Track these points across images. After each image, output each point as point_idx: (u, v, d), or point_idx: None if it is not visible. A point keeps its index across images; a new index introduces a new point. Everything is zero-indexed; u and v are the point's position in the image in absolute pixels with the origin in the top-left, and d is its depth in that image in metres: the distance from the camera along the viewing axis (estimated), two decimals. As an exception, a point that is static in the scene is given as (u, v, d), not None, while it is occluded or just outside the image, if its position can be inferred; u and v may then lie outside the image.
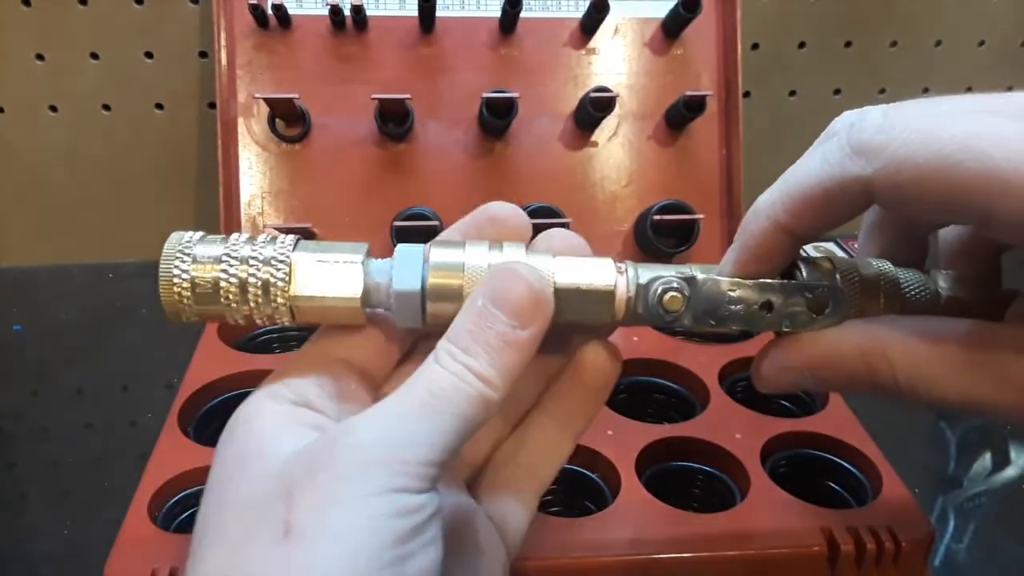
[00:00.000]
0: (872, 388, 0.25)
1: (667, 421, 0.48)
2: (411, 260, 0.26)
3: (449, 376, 0.24)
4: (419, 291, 0.26)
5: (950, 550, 0.45)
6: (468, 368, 0.24)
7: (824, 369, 0.26)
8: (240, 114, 0.60)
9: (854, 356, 0.25)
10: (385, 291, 0.26)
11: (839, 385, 0.26)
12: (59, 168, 0.69)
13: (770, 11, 0.70)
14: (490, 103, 0.58)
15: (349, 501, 0.22)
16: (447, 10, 0.62)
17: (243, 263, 0.25)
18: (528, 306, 0.25)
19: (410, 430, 0.23)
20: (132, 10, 0.65)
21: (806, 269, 0.27)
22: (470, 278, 0.26)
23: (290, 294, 0.26)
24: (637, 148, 0.63)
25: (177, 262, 0.25)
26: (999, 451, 0.52)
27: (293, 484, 0.22)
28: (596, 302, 0.26)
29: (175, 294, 0.25)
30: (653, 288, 0.26)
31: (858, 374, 0.25)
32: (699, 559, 0.37)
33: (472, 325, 0.25)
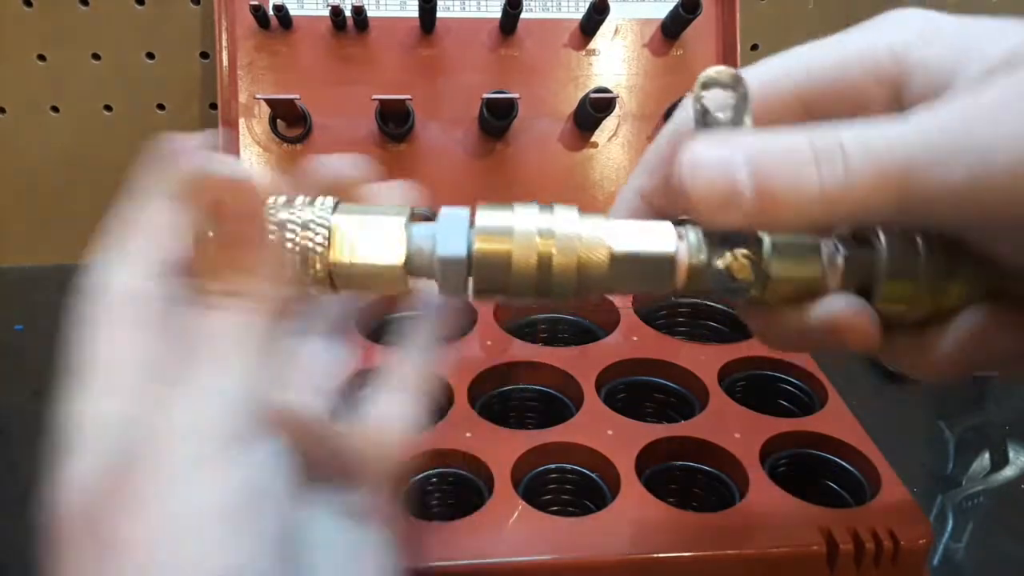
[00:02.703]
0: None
1: (667, 421, 0.48)
2: (456, 224, 0.25)
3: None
4: (464, 257, 0.24)
5: (949, 549, 0.45)
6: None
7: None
8: (241, 115, 0.61)
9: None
10: (428, 256, 0.24)
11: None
12: (60, 168, 0.69)
13: (770, 12, 0.71)
14: (490, 104, 0.58)
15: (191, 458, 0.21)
16: (448, 11, 0.62)
17: (280, 228, 0.24)
18: (231, 187, 0.23)
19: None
20: (133, 11, 0.65)
21: (885, 237, 0.24)
22: (518, 243, 0.24)
23: (329, 260, 0.24)
24: (637, 149, 0.63)
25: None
26: (998, 451, 0.52)
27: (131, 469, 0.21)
28: (657, 269, 0.24)
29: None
30: (719, 254, 0.24)
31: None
32: (699, 558, 0.37)
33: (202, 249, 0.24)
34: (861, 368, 0.58)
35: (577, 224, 0.24)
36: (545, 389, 0.49)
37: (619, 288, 0.25)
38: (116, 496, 0.21)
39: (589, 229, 0.24)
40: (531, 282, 0.24)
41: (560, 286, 0.24)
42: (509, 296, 0.25)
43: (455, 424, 0.44)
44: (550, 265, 0.24)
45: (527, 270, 0.24)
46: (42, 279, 0.68)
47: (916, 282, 0.24)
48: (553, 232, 0.24)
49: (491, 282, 0.24)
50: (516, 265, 0.24)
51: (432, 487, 0.43)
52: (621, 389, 0.50)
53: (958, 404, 0.57)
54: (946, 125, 0.21)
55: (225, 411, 0.22)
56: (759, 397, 0.49)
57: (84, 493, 0.21)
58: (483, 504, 0.39)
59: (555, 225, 0.24)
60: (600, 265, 0.24)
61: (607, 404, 0.46)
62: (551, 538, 0.37)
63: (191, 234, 0.24)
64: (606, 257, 0.24)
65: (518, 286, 0.24)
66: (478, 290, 0.24)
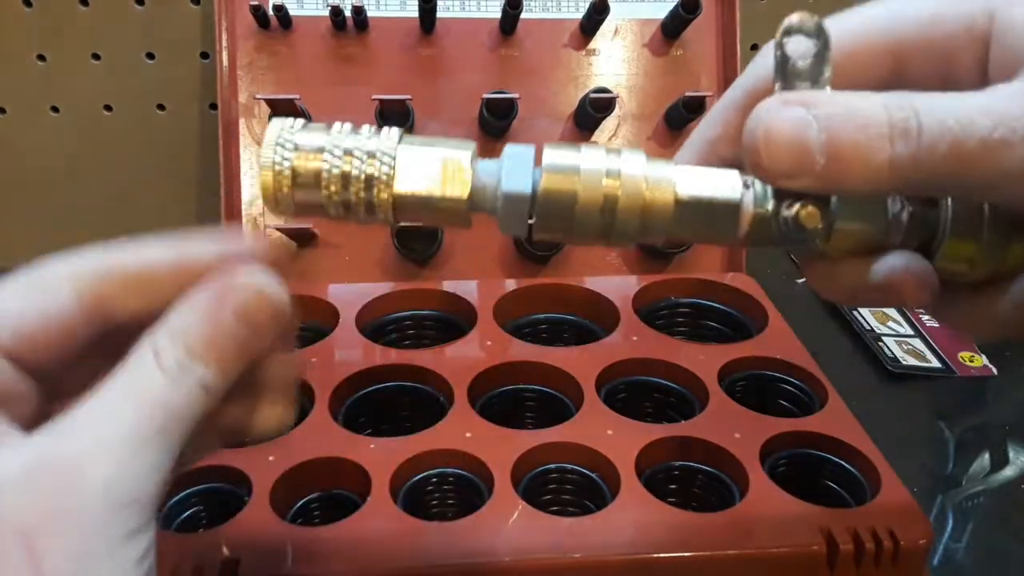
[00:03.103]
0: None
1: (667, 421, 0.48)
2: (521, 161, 0.24)
3: (182, 393, 0.22)
4: (529, 194, 0.24)
5: (949, 549, 0.45)
6: (201, 382, 0.23)
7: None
8: (241, 115, 0.61)
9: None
10: (492, 192, 0.24)
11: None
12: (60, 169, 0.69)
13: (769, 12, 0.71)
14: (490, 104, 0.58)
15: (102, 555, 0.20)
16: (448, 11, 0.62)
17: (347, 155, 0.24)
18: (273, 322, 0.24)
19: (149, 462, 0.21)
20: (133, 11, 0.65)
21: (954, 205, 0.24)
22: (585, 182, 0.24)
23: (394, 191, 0.24)
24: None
25: (279, 149, 0.24)
26: (998, 450, 0.52)
27: (33, 535, 0.20)
28: (721, 216, 0.24)
29: (275, 182, 0.24)
30: (786, 203, 0.24)
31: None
32: (698, 558, 0.37)
33: (208, 333, 0.23)
34: (861, 368, 0.59)
35: (644, 167, 0.24)
36: (545, 389, 0.49)
37: (681, 234, 0.25)
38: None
39: (655, 172, 0.24)
40: (594, 223, 0.24)
41: (623, 228, 0.24)
42: (570, 236, 0.25)
43: (455, 423, 0.44)
44: (615, 207, 0.24)
45: (591, 210, 0.24)
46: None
47: (979, 242, 0.24)
48: (620, 173, 0.24)
49: (554, 221, 0.24)
50: (581, 205, 0.24)
51: (432, 487, 0.43)
52: (621, 389, 0.50)
53: (958, 404, 0.57)
54: (1014, 114, 0.21)
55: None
56: (759, 397, 0.49)
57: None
58: (483, 504, 0.39)
59: (622, 166, 0.24)
60: (664, 209, 0.24)
61: (607, 404, 0.46)
62: (551, 538, 0.37)
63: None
64: (671, 201, 0.24)
65: (581, 227, 0.24)
66: (540, 228, 0.24)
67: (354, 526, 0.38)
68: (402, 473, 0.41)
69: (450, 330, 0.54)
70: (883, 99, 0.22)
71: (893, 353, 0.59)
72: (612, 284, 0.58)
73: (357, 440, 0.43)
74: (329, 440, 0.43)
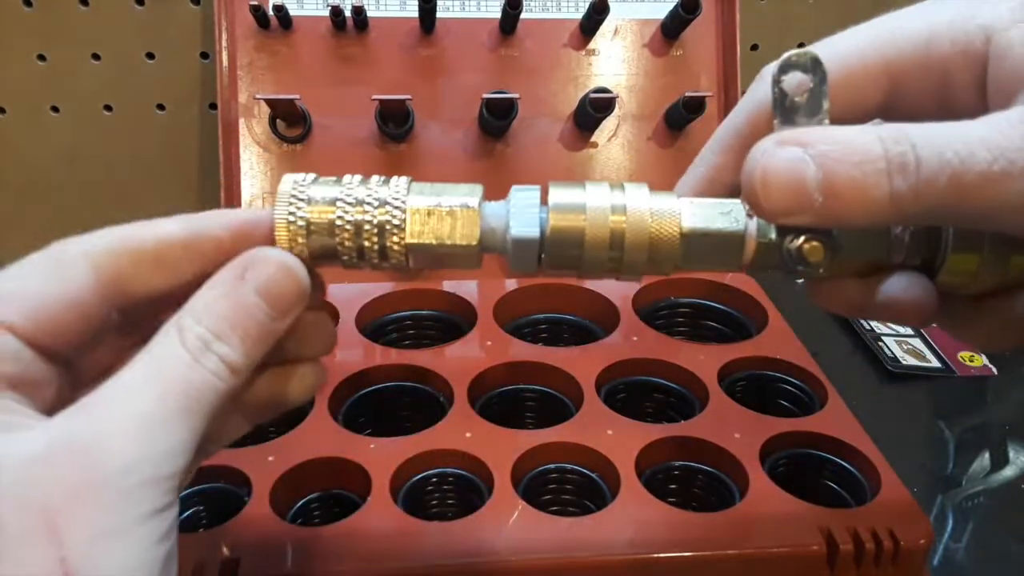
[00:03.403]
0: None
1: (667, 421, 0.48)
2: (528, 204, 0.25)
3: (204, 372, 0.22)
4: (538, 238, 0.25)
5: (949, 549, 0.45)
6: (223, 360, 0.23)
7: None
8: (241, 115, 0.61)
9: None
10: (501, 236, 0.25)
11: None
12: (60, 169, 0.69)
13: (770, 12, 0.71)
14: (490, 104, 0.58)
15: (123, 533, 0.20)
16: (448, 11, 0.62)
17: (358, 205, 0.25)
18: (292, 298, 0.24)
19: (171, 441, 0.21)
20: (133, 11, 0.65)
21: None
22: (591, 220, 0.25)
23: (406, 241, 0.25)
24: (637, 149, 0.63)
25: (292, 204, 0.25)
26: (998, 450, 0.52)
27: (55, 512, 0.20)
28: (725, 247, 0.25)
29: (290, 237, 0.25)
30: (789, 237, 0.24)
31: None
32: (698, 558, 0.37)
33: (230, 312, 0.23)
34: (861, 368, 0.58)
35: (648, 201, 0.25)
36: (545, 389, 0.49)
37: (688, 264, 0.25)
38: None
39: (660, 206, 0.25)
40: (603, 259, 0.25)
41: (632, 262, 0.25)
42: (580, 272, 0.26)
43: (455, 423, 0.44)
44: (623, 242, 0.25)
45: (600, 246, 0.25)
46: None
47: (980, 256, 0.25)
48: (625, 209, 0.25)
49: (564, 259, 0.25)
50: (589, 242, 0.25)
51: (432, 487, 0.43)
52: (621, 389, 0.50)
53: (958, 404, 0.57)
54: (1013, 146, 0.21)
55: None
56: (759, 397, 0.49)
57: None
58: (483, 504, 0.39)
59: (627, 202, 0.25)
60: (671, 242, 0.25)
61: (607, 404, 0.46)
62: (551, 538, 0.37)
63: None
64: (676, 234, 0.25)
65: (590, 263, 0.25)
66: (550, 266, 0.25)
67: (354, 526, 0.38)
68: (402, 473, 0.41)
69: (450, 330, 0.54)
70: (879, 133, 0.22)
71: (893, 353, 0.59)
72: (612, 284, 0.58)
73: (357, 440, 0.43)
74: (329, 440, 0.43)
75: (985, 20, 0.24)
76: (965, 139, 0.21)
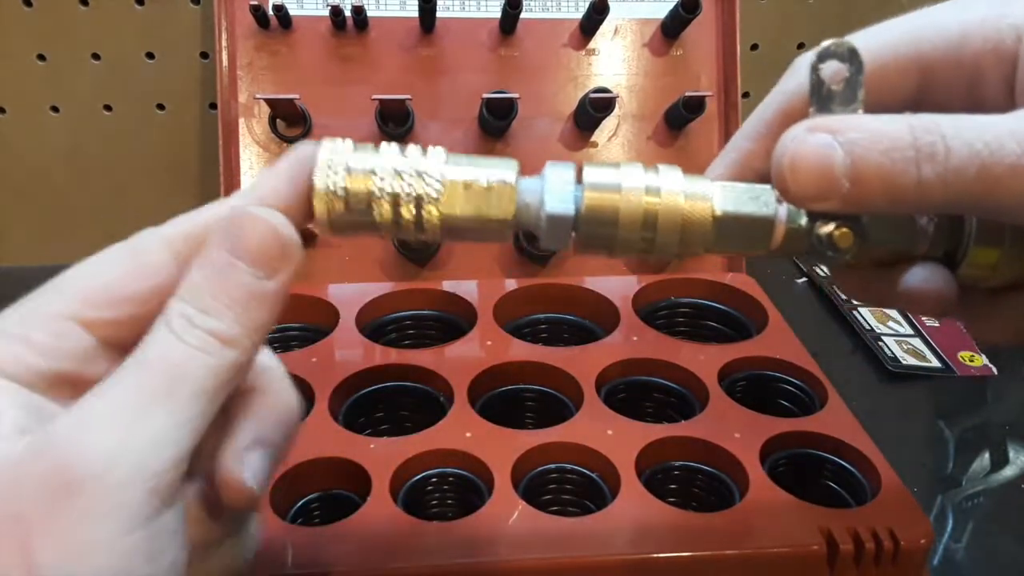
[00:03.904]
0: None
1: (667, 421, 0.48)
2: (562, 180, 0.25)
3: (188, 349, 0.21)
4: (572, 215, 0.25)
5: (949, 549, 0.45)
6: (211, 333, 0.21)
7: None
8: (241, 115, 0.61)
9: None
10: (536, 212, 0.25)
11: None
12: (60, 169, 0.69)
13: (769, 12, 0.71)
14: (490, 104, 0.58)
15: (99, 543, 0.19)
16: (447, 11, 0.62)
17: (397, 175, 0.25)
18: (275, 251, 0.22)
19: (153, 430, 0.20)
20: (133, 11, 0.65)
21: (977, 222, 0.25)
22: (626, 200, 0.25)
23: (443, 212, 0.25)
24: (637, 149, 0.63)
25: (331, 172, 0.24)
26: (998, 450, 0.52)
27: (28, 522, 0.18)
28: (755, 231, 0.25)
29: (328, 205, 0.24)
30: (820, 222, 0.25)
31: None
32: (698, 558, 0.37)
33: (211, 280, 0.22)
34: (861, 368, 0.58)
35: (682, 183, 0.25)
36: (545, 389, 0.49)
37: (719, 247, 0.26)
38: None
39: (693, 188, 0.25)
40: (636, 239, 0.25)
41: (663, 244, 0.25)
42: (612, 251, 0.26)
43: (455, 424, 0.44)
44: (656, 222, 0.25)
45: (633, 226, 0.25)
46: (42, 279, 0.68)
47: (1002, 249, 0.25)
48: (659, 190, 0.25)
49: (596, 237, 0.25)
50: (623, 221, 0.25)
51: (432, 487, 0.43)
52: (621, 389, 0.50)
53: (958, 404, 0.57)
54: None
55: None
56: (759, 397, 0.49)
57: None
58: (483, 504, 0.39)
59: (661, 183, 0.25)
60: (703, 224, 0.25)
61: (607, 404, 0.46)
62: (551, 538, 0.37)
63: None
64: (709, 217, 0.25)
65: (623, 243, 0.25)
66: (583, 244, 0.25)
67: (354, 526, 0.38)
68: (402, 473, 0.41)
69: (450, 330, 0.54)
70: (909, 121, 0.23)
71: (893, 353, 0.59)
72: (612, 284, 0.58)
73: (357, 440, 0.43)
74: (329, 440, 0.43)
75: (1017, 19, 0.24)
76: (995, 132, 0.22)
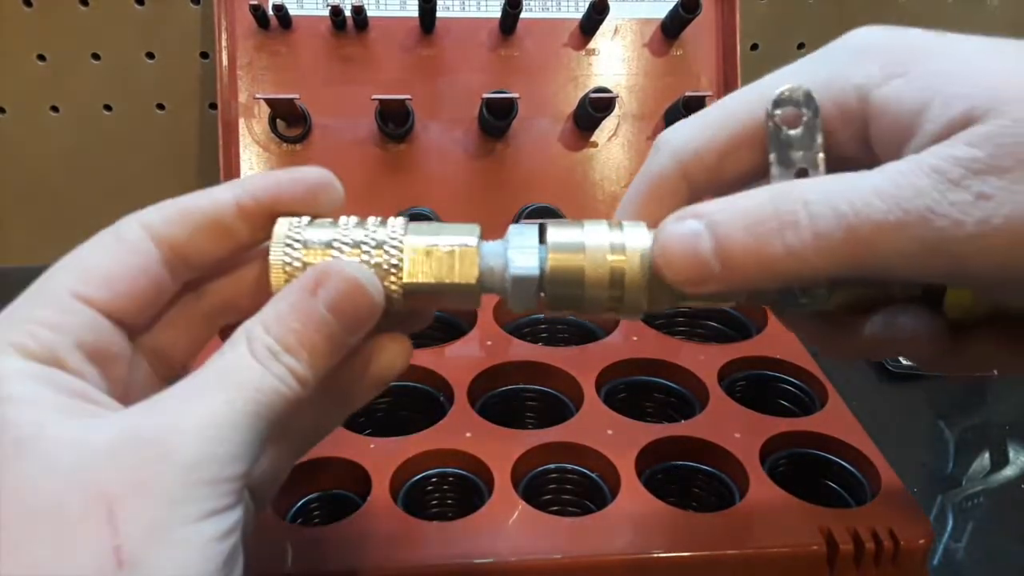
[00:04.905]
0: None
1: (667, 421, 0.48)
2: (526, 242, 0.25)
3: (272, 380, 0.23)
4: (537, 276, 0.25)
5: (949, 549, 0.45)
6: (291, 371, 0.23)
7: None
8: (241, 114, 0.61)
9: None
10: (500, 275, 0.25)
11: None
12: (60, 169, 0.69)
13: (769, 12, 0.71)
14: (490, 104, 0.58)
15: (182, 527, 0.20)
16: (447, 11, 0.62)
17: (355, 247, 0.25)
18: (366, 317, 0.24)
19: (236, 444, 0.22)
20: (133, 11, 0.65)
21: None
22: (591, 259, 0.25)
23: (404, 281, 0.25)
24: (637, 149, 0.63)
25: (287, 248, 0.25)
26: (998, 450, 0.52)
27: (114, 500, 0.20)
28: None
29: (287, 278, 0.25)
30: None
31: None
32: (698, 558, 0.37)
33: (301, 325, 0.23)
34: (861, 368, 0.58)
35: (646, 239, 0.25)
36: (545, 389, 0.49)
37: (689, 301, 0.25)
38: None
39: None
40: (604, 297, 0.25)
41: (632, 300, 0.25)
42: (580, 311, 0.26)
43: (455, 424, 0.44)
44: (623, 281, 0.25)
45: (600, 285, 0.25)
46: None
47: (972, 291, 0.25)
48: (624, 247, 0.25)
49: (564, 298, 0.25)
50: (589, 280, 0.25)
51: (432, 487, 0.43)
52: (621, 389, 0.50)
53: (958, 404, 0.57)
54: (905, 196, 0.21)
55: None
56: (759, 397, 0.49)
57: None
58: (483, 504, 0.39)
59: (626, 240, 0.25)
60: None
61: (607, 404, 0.46)
62: (551, 538, 0.37)
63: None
64: None
65: (591, 302, 0.25)
66: (551, 305, 0.25)
67: (354, 526, 0.38)
68: (402, 473, 0.41)
69: (450, 330, 0.54)
70: (770, 192, 0.23)
71: (893, 353, 0.59)
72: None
73: (357, 440, 0.43)
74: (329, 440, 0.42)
75: (859, 80, 0.25)
76: (859, 191, 0.22)
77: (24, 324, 0.23)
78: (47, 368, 0.22)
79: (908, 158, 0.22)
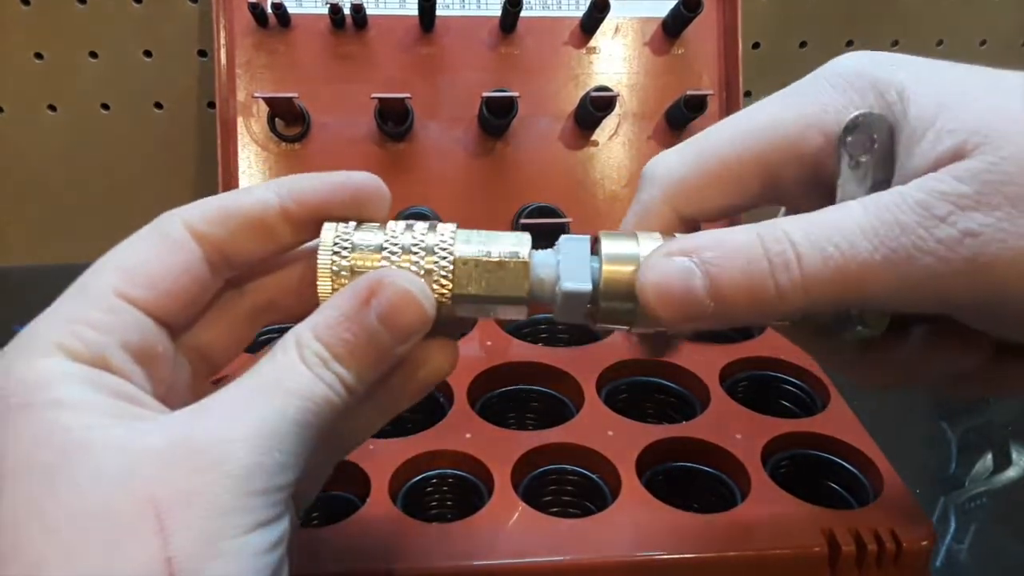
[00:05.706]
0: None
1: (667, 421, 0.48)
2: (578, 254, 0.25)
3: (323, 387, 0.22)
4: (589, 291, 0.24)
5: (951, 551, 0.45)
6: (341, 379, 0.23)
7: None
8: (239, 113, 0.60)
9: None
10: (551, 287, 0.25)
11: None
12: (58, 168, 0.69)
13: (771, 10, 0.70)
14: (490, 102, 0.58)
15: (232, 539, 0.20)
16: (447, 9, 0.62)
17: (406, 252, 0.24)
18: (417, 329, 0.24)
19: (285, 452, 0.22)
20: (131, 9, 0.65)
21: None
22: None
23: (453, 292, 0.24)
24: (638, 148, 0.63)
25: (335, 254, 0.24)
26: (1000, 451, 0.52)
27: (163, 509, 0.20)
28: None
29: (334, 283, 0.24)
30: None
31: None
32: (699, 559, 0.37)
33: (352, 335, 0.23)
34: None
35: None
36: (545, 389, 0.49)
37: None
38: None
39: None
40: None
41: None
42: (632, 325, 0.25)
43: (455, 424, 0.44)
44: None
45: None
46: (42, 279, 0.68)
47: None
48: None
49: (616, 312, 0.24)
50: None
51: (432, 488, 0.42)
52: (622, 390, 0.49)
53: (960, 405, 0.57)
54: (891, 234, 0.22)
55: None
56: (760, 398, 0.49)
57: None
58: (483, 505, 0.39)
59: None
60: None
61: (608, 405, 0.46)
62: (551, 539, 0.37)
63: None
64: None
65: (643, 317, 0.24)
66: (601, 319, 0.25)
67: (353, 527, 0.37)
68: (401, 474, 0.41)
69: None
70: (759, 232, 0.23)
71: (894, 353, 0.59)
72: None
73: (356, 441, 0.43)
74: (328, 441, 0.43)
75: (844, 113, 0.25)
76: (843, 230, 0.22)
77: (69, 324, 0.23)
78: (93, 370, 0.22)
79: (893, 190, 0.22)
